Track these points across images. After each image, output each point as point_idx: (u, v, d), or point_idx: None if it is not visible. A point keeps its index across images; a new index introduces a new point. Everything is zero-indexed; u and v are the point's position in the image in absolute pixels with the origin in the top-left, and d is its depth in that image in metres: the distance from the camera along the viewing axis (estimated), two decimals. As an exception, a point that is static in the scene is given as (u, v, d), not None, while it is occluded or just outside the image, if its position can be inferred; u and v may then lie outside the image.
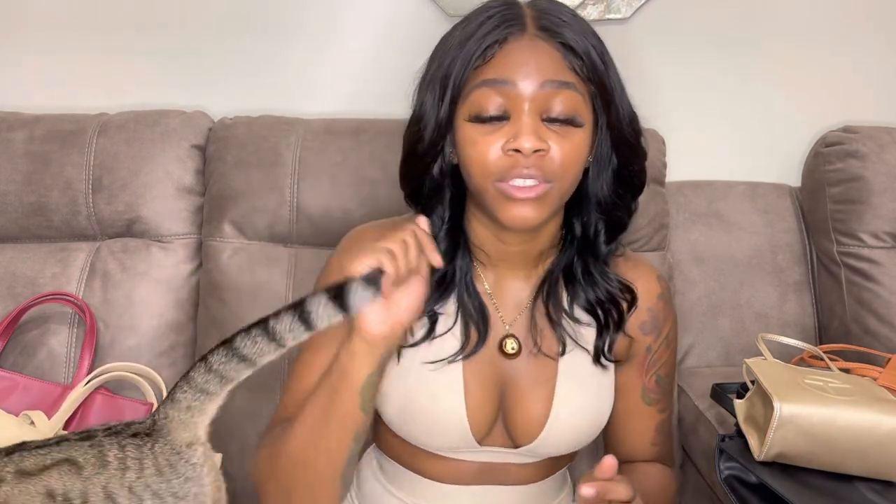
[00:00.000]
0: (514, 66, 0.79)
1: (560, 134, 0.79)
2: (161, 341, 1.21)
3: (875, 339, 1.27)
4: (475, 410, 0.87)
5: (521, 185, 0.79)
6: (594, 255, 0.90)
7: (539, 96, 0.78)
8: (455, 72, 0.81)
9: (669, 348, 0.96)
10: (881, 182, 1.30)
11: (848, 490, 0.91)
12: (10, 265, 1.22)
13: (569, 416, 0.88)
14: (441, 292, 0.88)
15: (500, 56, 0.79)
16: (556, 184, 0.80)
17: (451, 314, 0.89)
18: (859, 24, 1.44)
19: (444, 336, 0.88)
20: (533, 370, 0.89)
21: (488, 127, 0.80)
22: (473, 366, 0.88)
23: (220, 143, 1.27)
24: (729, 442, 0.99)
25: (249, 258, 1.23)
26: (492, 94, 0.79)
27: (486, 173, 0.80)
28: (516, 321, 0.90)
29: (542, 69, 0.79)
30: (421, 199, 0.88)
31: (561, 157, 0.79)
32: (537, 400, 0.88)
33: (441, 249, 0.85)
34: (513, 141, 0.78)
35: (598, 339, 0.90)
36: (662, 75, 1.43)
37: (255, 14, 1.39)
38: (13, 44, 1.39)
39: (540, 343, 0.89)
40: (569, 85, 0.79)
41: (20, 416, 1.08)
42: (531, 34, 0.80)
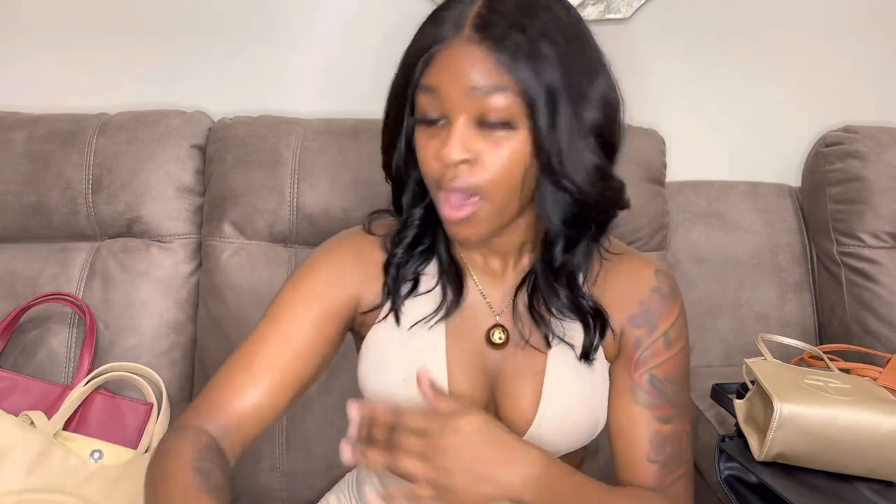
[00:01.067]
0: (442, 72, 0.76)
1: (494, 141, 0.76)
2: (161, 341, 1.21)
3: (875, 339, 1.27)
4: (462, 397, 0.85)
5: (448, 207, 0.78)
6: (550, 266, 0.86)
7: (467, 104, 0.76)
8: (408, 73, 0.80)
9: (670, 349, 0.89)
10: (881, 182, 1.30)
11: (848, 490, 0.91)
12: (10, 265, 1.22)
13: (559, 408, 0.85)
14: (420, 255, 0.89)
15: (436, 61, 0.77)
16: (487, 200, 0.77)
17: (433, 274, 0.89)
18: (860, 23, 1.44)
19: (424, 296, 0.88)
20: (522, 362, 0.87)
21: (432, 130, 0.78)
22: (459, 353, 0.87)
23: (220, 143, 1.27)
24: (729, 442, 0.99)
25: (249, 258, 1.23)
26: (426, 100, 0.78)
27: (428, 178, 0.80)
28: (504, 312, 0.89)
29: (471, 73, 0.75)
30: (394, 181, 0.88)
31: (494, 165, 0.76)
32: (525, 393, 0.86)
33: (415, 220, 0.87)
34: (442, 148, 0.76)
35: (585, 336, 0.87)
36: (662, 75, 1.43)
37: (256, 14, 1.39)
38: (13, 43, 1.39)
39: (527, 335, 0.87)
40: (500, 88, 0.75)
41: (20, 417, 1.08)
42: (466, 36, 0.76)
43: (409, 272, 0.88)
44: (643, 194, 1.27)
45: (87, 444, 1.09)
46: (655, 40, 1.41)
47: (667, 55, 1.43)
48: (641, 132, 1.33)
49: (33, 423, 1.07)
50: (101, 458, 1.09)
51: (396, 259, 0.88)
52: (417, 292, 0.88)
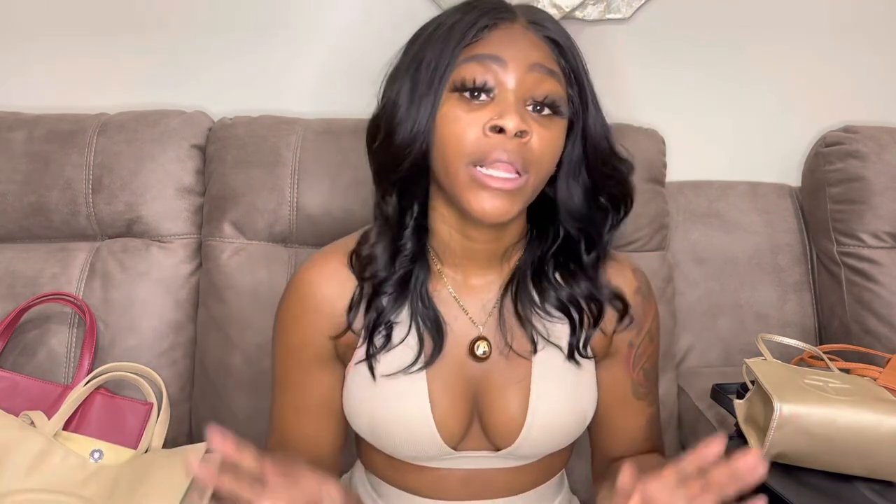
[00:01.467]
0: (504, 45, 0.78)
1: (541, 123, 0.78)
2: (161, 341, 1.21)
3: (875, 339, 1.27)
4: (444, 417, 0.85)
5: (496, 175, 0.76)
6: (578, 264, 0.88)
7: (527, 79, 0.77)
8: (443, 53, 0.78)
9: (654, 343, 0.95)
10: (881, 182, 1.30)
11: (848, 490, 0.91)
12: (10, 265, 1.22)
13: (547, 414, 0.86)
14: (397, 299, 0.85)
15: (490, 36, 0.78)
16: (531, 177, 0.78)
17: (405, 321, 0.86)
18: (860, 23, 1.44)
19: (398, 347, 0.85)
20: (506, 370, 0.87)
21: (471, 104, 0.77)
22: (439, 372, 0.85)
23: (220, 143, 1.27)
24: (729, 442, 0.99)
25: (249, 258, 1.23)
26: (479, 70, 0.77)
27: (460, 154, 0.77)
28: (487, 322, 0.88)
29: (532, 53, 0.78)
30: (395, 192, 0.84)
31: (540, 145, 0.77)
32: (513, 400, 0.86)
33: (407, 249, 0.84)
34: (497, 118, 0.75)
35: (572, 336, 0.87)
36: (662, 75, 1.43)
37: (256, 14, 1.39)
38: (13, 44, 1.39)
39: (511, 342, 0.87)
40: (555, 74, 0.79)
41: (20, 417, 1.08)
42: (522, 23, 0.80)
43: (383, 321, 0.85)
44: (643, 194, 1.27)
45: (87, 444, 1.09)
46: (655, 40, 1.41)
47: (667, 55, 1.42)
48: (641, 132, 1.33)
49: (33, 423, 1.07)
50: (101, 458, 1.08)
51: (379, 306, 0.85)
52: (392, 344, 0.85)
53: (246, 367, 1.19)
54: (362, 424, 0.87)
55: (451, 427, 0.85)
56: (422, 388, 0.85)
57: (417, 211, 0.85)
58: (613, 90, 1.43)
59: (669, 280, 1.31)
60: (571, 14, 1.35)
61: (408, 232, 0.84)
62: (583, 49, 0.83)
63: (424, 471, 0.89)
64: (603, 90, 1.33)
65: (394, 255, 0.85)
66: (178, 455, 1.07)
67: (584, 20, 1.37)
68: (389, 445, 0.87)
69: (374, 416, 0.86)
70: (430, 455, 0.87)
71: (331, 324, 0.86)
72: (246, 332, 1.20)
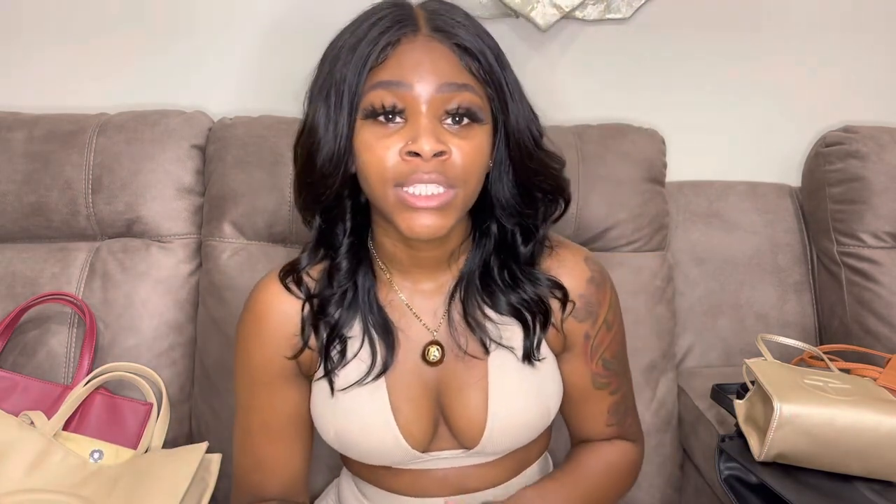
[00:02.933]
0: (409, 68, 0.76)
1: (460, 136, 0.77)
2: (161, 341, 1.21)
3: (875, 339, 1.27)
4: (409, 424, 0.86)
5: (421, 193, 0.76)
6: (515, 259, 0.88)
7: (436, 99, 0.76)
8: (349, 77, 0.77)
9: (612, 331, 0.94)
10: (881, 182, 1.30)
11: (848, 490, 0.91)
12: (10, 265, 1.22)
13: (508, 412, 0.87)
14: (346, 312, 0.86)
15: (394, 57, 0.76)
16: (460, 191, 0.77)
17: (357, 335, 0.87)
18: (859, 23, 1.44)
19: (353, 361, 0.86)
20: (462, 373, 0.87)
21: (384, 129, 0.76)
22: (398, 379, 0.86)
23: (220, 143, 1.27)
24: (729, 442, 0.99)
25: (249, 258, 1.23)
26: (387, 97, 0.76)
27: (383, 179, 0.76)
28: (440, 326, 0.89)
29: (438, 71, 0.76)
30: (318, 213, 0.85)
31: (462, 159, 0.76)
32: (472, 401, 0.87)
33: (342, 267, 0.86)
34: (412, 143, 0.74)
35: (526, 339, 0.88)
36: (662, 75, 1.43)
37: (256, 14, 1.39)
38: (13, 43, 1.39)
39: (465, 346, 0.87)
40: (467, 87, 0.77)
41: (20, 417, 1.08)
42: (425, 35, 0.78)
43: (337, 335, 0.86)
44: (643, 194, 1.27)
45: (87, 444, 1.09)
46: (655, 40, 1.41)
47: (667, 55, 1.42)
48: (641, 132, 1.32)
49: (33, 423, 1.07)
50: (101, 458, 1.09)
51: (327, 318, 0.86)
52: (347, 360, 0.86)
53: (246, 367, 1.19)
54: (330, 436, 0.89)
55: (416, 432, 0.86)
56: (382, 397, 0.86)
57: (351, 229, 0.86)
58: (613, 90, 1.44)
59: (669, 280, 1.31)
60: (571, 14, 1.35)
61: (342, 250, 0.86)
62: (583, 49, 0.83)
63: (400, 473, 0.91)
64: (603, 90, 1.34)
65: (330, 275, 0.87)
66: (178, 455, 1.07)
67: (584, 20, 1.36)
68: (357, 455, 0.89)
69: (339, 428, 0.87)
70: (400, 460, 0.88)
71: (288, 344, 0.87)
72: (246, 332, 1.20)
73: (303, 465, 0.93)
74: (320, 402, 0.88)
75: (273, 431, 0.90)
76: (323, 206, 0.84)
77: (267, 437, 0.90)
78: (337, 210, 0.85)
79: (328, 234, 0.87)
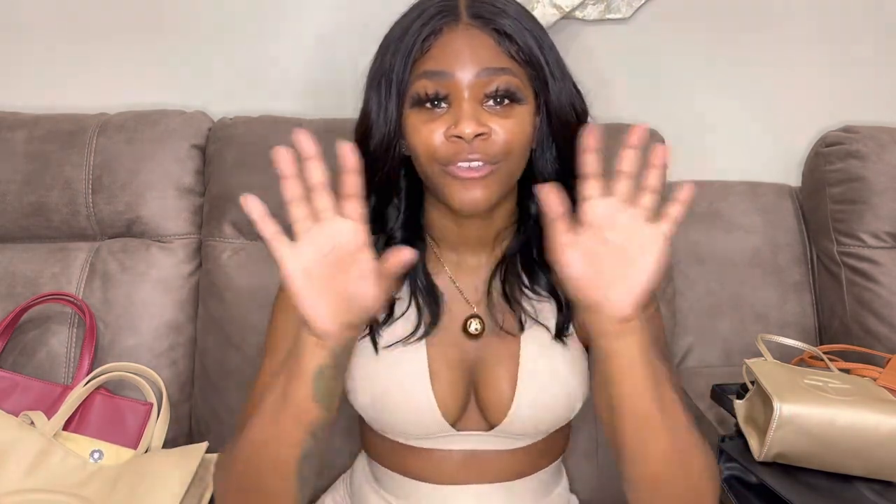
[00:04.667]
0: (450, 57, 0.81)
1: (501, 115, 0.82)
2: (161, 341, 1.21)
3: (875, 339, 1.27)
4: (444, 392, 0.88)
5: (466, 166, 0.81)
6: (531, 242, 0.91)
7: (477, 84, 0.81)
8: (397, 67, 0.83)
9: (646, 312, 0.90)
10: (881, 182, 1.30)
11: (848, 490, 0.92)
12: (10, 265, 1.22)
13: (535, 391, 0.89)
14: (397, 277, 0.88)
15: (436, 47, 0.82)
16: (503, 164, 0.82)
17: (405, 297, 0.91)
18: (859, 23, 1.44)
19: (399, 320, 0.90)
20: (497, 348, 0.90)
21: (430, 114, 0.82)
22: (438, 348, 0.89)
23: (220, 143, 1.27)
24: (729, 442, 0.99)
25: (249, 258, 1.23)
26: (430, 86, 0.82)
27: (431, 159, 0.82)
28: (480, 302, 0.92)
29: (477, 58, 0.81)
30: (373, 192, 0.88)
31: (504, 137, 0.81)
32: (503, 377, 0.89)
33: (398, 237, 0.90)
34: (454, 128, 0.80)
35: (559, 313, 0.91)
36: (662, 75, 1.43)
37: (256, 14, 1.39)
38: (13, 43, 1.39)
39: (501, 322, 0.91)
40: (505, 70, 0.82)
41: (20, 417, 1.08)
42: (465, 23, 0.82)
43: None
44: (643, 194, 1.27)
45: (87, 444, 1.09)
46: (655, 40, 1.41)
47: (667, 55, 1.42)
48: (641, 132, 1.32)
49: (33, 423, 1.07)
50: (101, 458, 1.09)
51: None
52: (393, 318, 0.90)
53: (246, 367, 1.19)
54: (365, 401, 0.89)
55: (449, 402, 0.88)
56: (422, 361, 0.88)
57: (405, 207, 0.91)
58: (613, 90, 1.44)
59: (669, 280, 1.31)
60: (571, 14, 1.35)
61: (397, 225, 0.91)
62: (583, 49, 0.84)
63: (424, 453, 0.91)
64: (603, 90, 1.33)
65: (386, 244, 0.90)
66: (178, 455, 1.07)
67: (584, 20, 1.36)
68: (389, 423, 0.89)
69: (376, 390, 0.88)
70: (429, 432, 0.89)
71: None
72: (246, 332, 1.20)
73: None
74: (360, 365, 0.90)
75: None
76: (377, 186, 0.88)
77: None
78: (393, 189, 0.90)
79: (382, 213, 0.91)
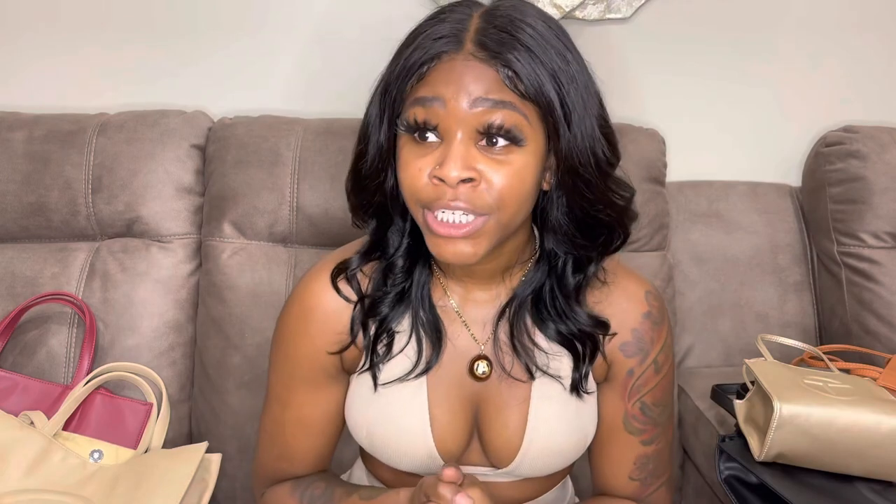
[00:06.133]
0: (444, 84, 0.72)
1: (497, 160, 0.72)
2: (161, 341, 1.21)
3: (875, 339, 1.27)
4: (442, 431, 0.83)
5: (447, 220, 0.72)
6: (561, 286, 0.83)
7: (471, 116, 0.71)
8: (394, 87, 0.75)
9: (660, 373, 0.87)
10: (882, 182, 1.30)
11: (848, 490, 0.92)
12: (10, 265, 1.22)
13: (546, 438, 0.84)
14: (397, 307, 0.84)
15: (433, 73, 0.73)
16: (493, 216, 0.73)
17: (406, 330, 0.84)
18: (859, 23, 1.44)
19: (398, 356, 0.84)
20: (505, 392, 0.84)
21: (422, 148, 0.73)
22: (440, 388, 0.84)
23: (220, 143, 1.27)
24: (729, 442, 0.99)
25: (249, 258, 1.23)
26: (422, 113, 0.72)
27: (413, 198, 0.74)
28: (488, 341, 0.85)
29: (473, 86, 0.71)
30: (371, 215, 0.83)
31: (498, 185, 0.72)
32: (511, 422, 0.84)
33: (398, 265, 0.83)
34: (438, 168, 0.71)
35: (575, 370, 0.84)
36: (663, 75, 1.43)
37: (256, 14, 1.39)
38: (13, 44, 1.39)
39: (510, 368, 0.84)
40: (506, 104, 0.71)
41: (20, 417, 1.08)
42: (466, 52, 0.72)
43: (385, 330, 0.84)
44: (643, 194, 1.27)
45: (87, 444, 1.09)
46: (655, 40, 1.41)
47: (667, 55, 1.42)
48: (641, 132, 1.33)
49: (33, 423, 1.07)
50: (100, 458, 1.09)
51: (379, 316, 0.84)
52: (392, 354, 0.84)
53: (246, 367, 1.19)
54: (362, 436, 0.87)
55: (449, 444, 0.84)
56: (422, 401, 0.83)
57: (408, 231, 0.83)
58: (613, 90, 1.43)
59: (669, 280, 1.31)
60: (571, 14, 1.35)
61: (400, 251, 0.83)
62: (583, 49, 0.80)
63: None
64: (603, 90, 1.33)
65: (385, 273, 0.84)
66: (178, 455, 1.07)
67: (584, 20, 1.36)
68: (386, 458, 0.86)
69: (373, 429, 0.85)
70: (430, 470, 0.85)
71: (335, 339, 0.85)
72: (246, 332, 1.20)
73: (328, 453, 0.92)
74: (358, 400, 0.86)
75: (307, 427, 0.88)
76: (376, 206, 0.81)
77: (301, 432, 0.88)
78: (393, 212, 0.81)
79: (383, 238, 0.84)
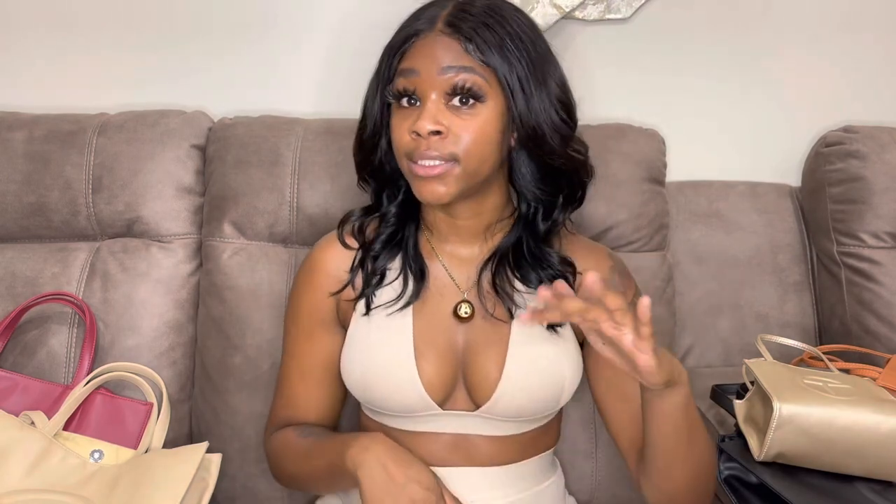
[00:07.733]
0: (420, 57, 0.89)
1: (464, 115, 0.88)
2: (161, 341, 1.21)
3: (875, 339, 1.27)
4: (430, 371, 0.94)
5: (423, 164, 0.88)
6: (533, 234, 0.97)
7: (440, 81, 0.88)
8: (384, 66, 0.93)
9: None
10: (881, 182, 1.30)
11: (848, 490, 0.92)
12: (10, 265, 1.22)
13: (520, 376, 0.93)
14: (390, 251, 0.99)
15: (412, 49, 0.90)
16: (461, 163, 0.88)
17: (396, 269, 0.99)
18: (859, 23, 1.44)
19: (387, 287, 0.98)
20: (487, 333, 0.96)
21: (406, 112, 0.90)
22: (427, 330, 0.96)
23: (220, 143, 1.27)
24: (729, 442, 1.00)
25: (249, 258, 1.23)
26: (403, 82, 0.90)
27: (400, 154, 0.91)
28: (471, 289, 0.98)
29: (441, 57, 0.88)
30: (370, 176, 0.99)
31: (463, 137, 0.87)
32: (491, 360, 0.94)
33: (392, 213, 0.99)
34: (412, 125, 0.88)
35: None
36: (662, 75, 1.43)
37: (256, 14, 1.39)
38: (13, 44, 1.39)
39: (492, 310, 0.96)
40: (467, 69, 0.88)
41: (20, 417, 1.08)
42: (437, 30, 0.90)
43: (378, 267, 0.98)
44: (643, 194, 1.27)
45: (87, 444, 1.09)
46: (655, 40, 1.41)
47: (667, 55, 1.42)
48: (641, 132, 1.32)
49: (33, 423, 1.07)
50: (101, 458, 1.09)
51: (373, 253, 0.99)
52: (382, 284, 0.98)
53: (246, 366, 1.19)
54: (356, 377, 0.97)
55: (435, 381, 0.94)
56: (407, 338, 0.95)
57: (403, 197, 0.99)
58: (613, 90, 1.44)
59: (669, 280, 1.31)
60: (571, 14, 1.35)
61: (393, 205, 0.99)
62: (583, 49, 0.84)
63: (414, 435, 0.97)
64: (603, 90, 1.34)
65: (380, 222, 1.01)
66: (178, 455, 1.07)
67: (584, 20, 1.36)
68: (377, 398, 0.96)
69: (366, 367, 0.96)
70: (415, 408, 0.95)
71: (337, 281, 0.99)
72: (246, 332, 1.20)
73: (329, 408, 1.04)
74: (352, 344, 0.98)
75: (306, 376, 1.02)
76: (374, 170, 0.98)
77: (300, 378, 1.02)
78: (390, 176, 0.98)
79: (381, 197, 1.00)
